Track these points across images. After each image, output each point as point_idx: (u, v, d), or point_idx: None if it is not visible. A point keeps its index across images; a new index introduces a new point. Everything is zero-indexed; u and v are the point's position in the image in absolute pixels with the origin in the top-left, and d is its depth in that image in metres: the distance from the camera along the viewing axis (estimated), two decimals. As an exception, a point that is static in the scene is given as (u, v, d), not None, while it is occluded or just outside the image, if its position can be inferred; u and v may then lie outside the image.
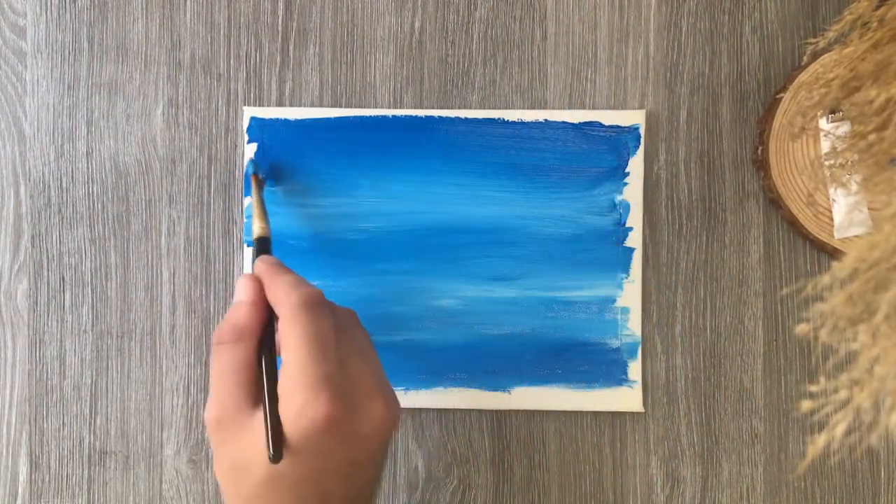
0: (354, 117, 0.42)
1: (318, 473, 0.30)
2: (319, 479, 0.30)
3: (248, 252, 0.42)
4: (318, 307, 0.31)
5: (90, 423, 0.42)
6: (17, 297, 0.43)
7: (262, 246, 0.37)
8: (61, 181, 0.43)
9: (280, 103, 0.43)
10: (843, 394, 0.26)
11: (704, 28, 0.43)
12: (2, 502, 0.42)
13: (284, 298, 0.31)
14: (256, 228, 0.37)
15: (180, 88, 0.43)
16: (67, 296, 0.43)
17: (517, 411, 0.42)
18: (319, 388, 0.29)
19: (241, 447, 0.30)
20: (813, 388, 0.27)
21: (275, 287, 0.32)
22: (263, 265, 0.34)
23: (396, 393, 0.34)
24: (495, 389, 0.42)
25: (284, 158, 0.42)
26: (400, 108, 0.43)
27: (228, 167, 0.43)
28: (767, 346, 0.42)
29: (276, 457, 0.29)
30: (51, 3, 0.43)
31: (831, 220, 0.41)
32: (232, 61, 0.43)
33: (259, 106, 0.42)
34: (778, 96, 0.41)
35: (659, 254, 0.42)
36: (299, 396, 0.29)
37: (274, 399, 0.30)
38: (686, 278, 0.42)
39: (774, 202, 0.42)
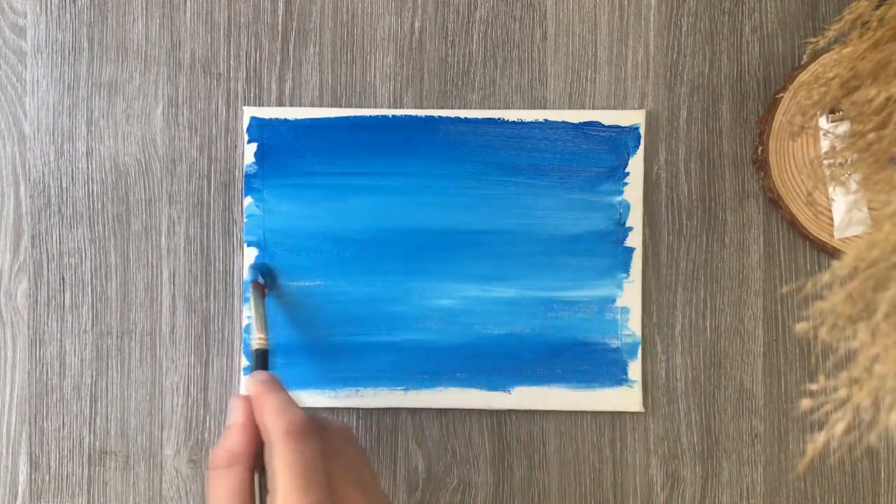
0: (354, 117, 0.42)
1: None
2: None
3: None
4: (304, 433, 0.31)
5: (90, 423, 0.42)
6: (17, 297, 0.43)
7: (261, 359, 0.36)
8: (61, 181, 0.43)
9: (280, 103, 0.43)
10: (842, 392, 0.26)
11: (704, 28, 0.43)
12: (2, 502, 0.42)
13: (270, 425, 0.31)
14: (255, 341, 0.36)
15: (180, 88, 0.43)
16: (67, 296, 0.43)
17: (517, 411, 0.42)
18: None
19: None
20: (813, 387, 0.27)
21: (262, 411, 0.32)
22: (254, 385, 0.33)
23: (396, 393, 0.34)
24: (495, 389, 0.42)
25: (284, 160, 0.42)
26: (400, 108, 0.43)
27: (228, 167, 0.43)
28: (767, 346, 0.42)
29: None
30: (51, 3, 0.43)
31: (831, 219, 0.41)
32: (232, 61, 0.43)
33: (259, 106, 0.43)
34: (778, 96, 0.41)
35: (659, 254, 0.42)
36: None
37: None
38: (686, 278, 0.42)
39: (774, 202, 0.42)
